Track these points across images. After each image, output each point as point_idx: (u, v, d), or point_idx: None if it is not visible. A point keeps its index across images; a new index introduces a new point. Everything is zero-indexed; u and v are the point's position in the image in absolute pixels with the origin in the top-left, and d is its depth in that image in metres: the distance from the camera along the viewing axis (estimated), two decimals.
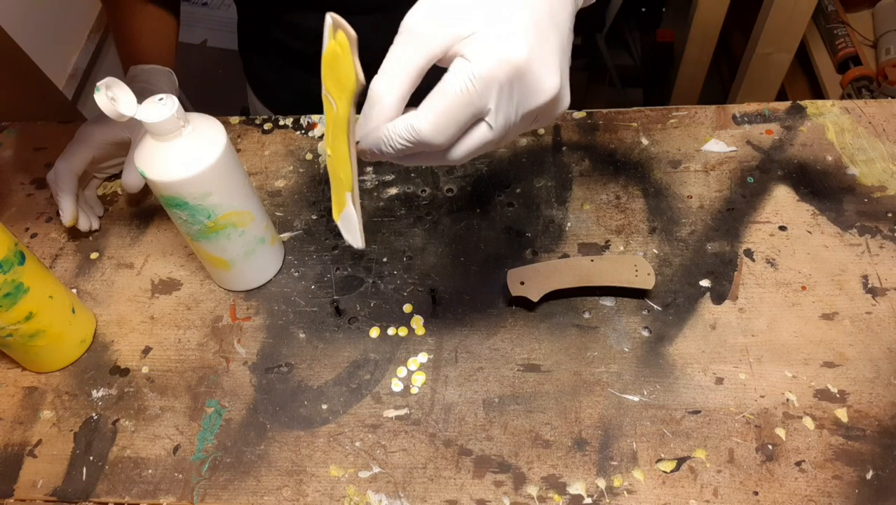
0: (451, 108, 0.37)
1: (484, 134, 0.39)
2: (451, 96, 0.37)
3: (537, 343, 0.56)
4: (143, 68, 0.69)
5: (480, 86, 0.37)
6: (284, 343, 0.58)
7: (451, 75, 0.37)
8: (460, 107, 0.37)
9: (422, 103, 0.38)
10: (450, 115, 0.37)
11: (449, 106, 0.37)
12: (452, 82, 0.37)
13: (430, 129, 0.37)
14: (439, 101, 0.37)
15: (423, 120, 0.37)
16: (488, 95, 0.37)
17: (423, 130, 0.37)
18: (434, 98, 0.37)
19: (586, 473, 0.49)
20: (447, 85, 0.37)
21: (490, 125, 0.38)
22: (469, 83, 0.37)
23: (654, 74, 1.82)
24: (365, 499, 0.50)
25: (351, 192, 0.41)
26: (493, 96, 0.37)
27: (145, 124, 0.47)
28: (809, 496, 0.48)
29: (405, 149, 0.39)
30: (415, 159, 0.41)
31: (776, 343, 0.54)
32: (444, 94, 0.37)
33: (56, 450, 0.54)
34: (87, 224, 0.64)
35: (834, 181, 0.63)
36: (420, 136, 0.37)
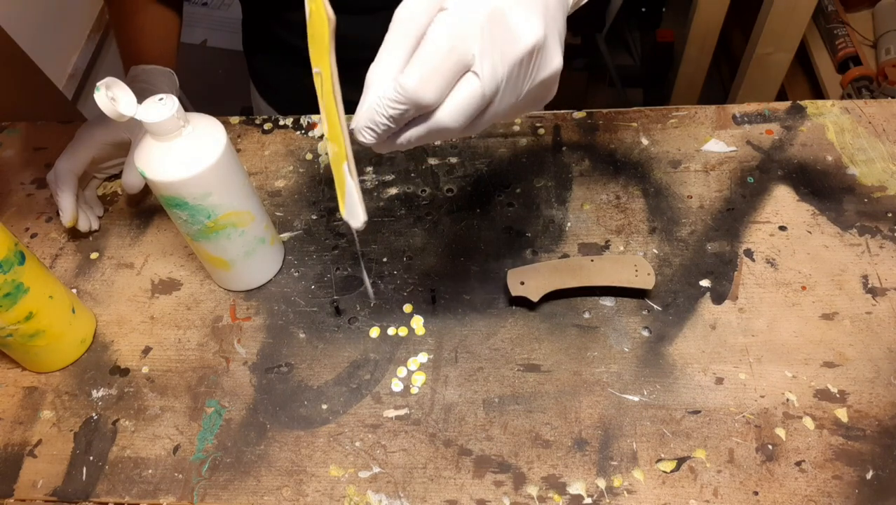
0: (433, 55, 0.36)
1: (472, 85, 0.38)
2: (432, 44, 0.36)
3: (537, 343, 0.56)
4: (143, 68, 0.69)
5: (460, 28, 0.36)
6: (284, 343, 0.58)
7: (432, 26, 0.37)
8: (443, 53, 0.36)
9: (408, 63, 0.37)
10: (434, 63, 0.36)
11: (431, 54, 0.36)
12: (433, 30, 0.36)
13: (416, 81, 0.36)
14: (421, 52, 0.37)
15: (408, 74, 0.37)
16: (469, 39, 0.37)
17: (409, 84, 0.36)
18: (417, 52, 0.37)
19: (586, 473, 0.49)
20: (428, 34, 0.37)
21: (476, 73, 0.38)
22: (449, 27, 0.36)
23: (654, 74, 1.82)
24: (365, 499, 0.50)
25: (347, 161, 0.39)
26: (475, 39, 0.37)
27: (145, 124, 0.47)
28: (809, 496, 0.48)
29: (398, 114, 0.38)
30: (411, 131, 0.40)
31: (776, 343, 0.54)
32: (427, 42, 0.37)
33: (56, 450, 0.54)
34: (86, 224, 0.64)
35: (834, 181, 0.63)
36: (407, 90, 0.36)
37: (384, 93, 0.37)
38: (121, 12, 0.73)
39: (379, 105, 0.38)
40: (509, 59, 0.38)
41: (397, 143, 0.40)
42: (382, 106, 0.37)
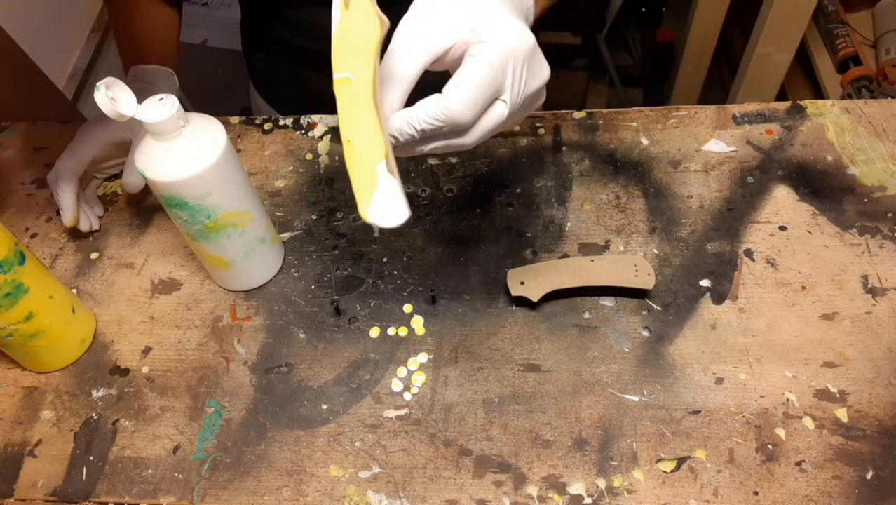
0: (480, 85, 0.40)
1: (500, 112, 0.42)
2: (479, 73, 0.40)
3: (537, 343, 0.56)
4: (143, 68, 0.69)
5: (502, 62, 0.40)
6: (284, 343, 0.58)
7: (476, 57, 0.40)
8: (488, 83, 0.40)
9: (448, 85, 0.41)
10: (479, 92, 0.40)
11: (478, 83, 0.40)
12: (480, 60, 0.40)
13: (461, 106, 0.40)
14: (469, 79, 0.40)
15: (454, 99, 0.40)
16: (507, 72, 0.41)
17: (454, 108, 0.40)
18: (463, 76, 0.40)
19: (586, 473, 0.49)
20: (475, 65, 0.40)
21: (505, 102, 0.42)
22: (494, 61, 0.40)
23: (654, 74, 1.82)
24: (365, 499, 0.50)
25: (385, 159, 0.40)
26: (510, 74, 0.41)
27: (145, 124, 0.47)
28: (809, 496, 0.48)
29: (431, 129, 0.41)
30: (428, 143, 0.43)
31: (776, 343, 0.54)
32: (472, 71, 0.40)
33: (56, 450, 0.54)
34: (87, 224, 0.64)
35: (834, 181, 0.63)
36: (451, 113, 0.40)
37: (425, 110, 0.41)
38: (120, 12, 0.73)
39: (414, 118, 0.41)
40: (529, 91, 0.43)
41: (416, 149, 0.43)
42: (418, 120, 0.41)
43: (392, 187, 0.41)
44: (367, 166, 0.41)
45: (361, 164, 0.41)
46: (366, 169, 0.41)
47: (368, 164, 0.41)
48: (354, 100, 0.40)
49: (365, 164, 0.41)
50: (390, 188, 0.41)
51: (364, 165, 0.41)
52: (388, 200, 0.41)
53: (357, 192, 0.41)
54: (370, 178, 0.41)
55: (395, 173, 0.41)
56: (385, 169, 0.40)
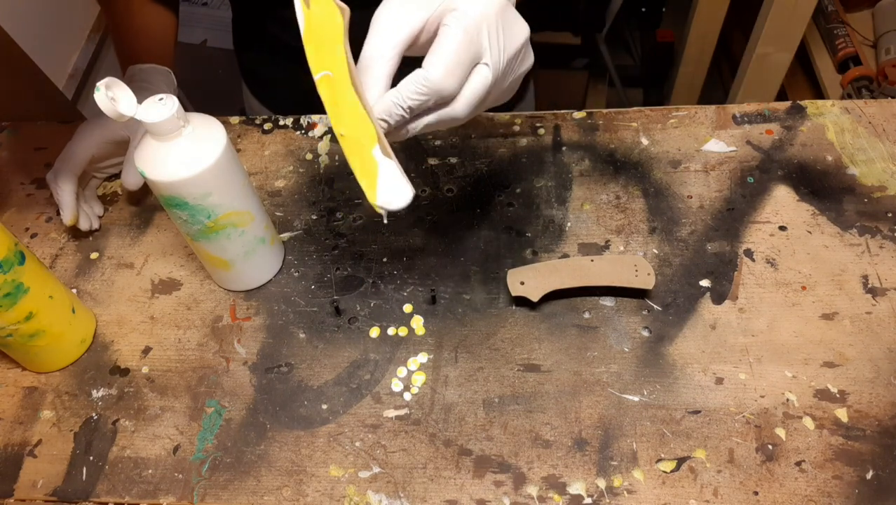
0: (456, 51, 0.41)
1: (484, 75, 0.43)
2: (453, 39, 0.41)
3: (537, 343, 0.56)
4: (141, 68, 0.69)
5: (475, 24, 0.41)
6: (284, 343, 0.58)
7: (449, 25, 0.41)
8: (465, 47, 0.41)
9: (426, 59, 0.41)
10: (457, 59, 0.41)
11: (455, 50, 0.41)
12: (453, 28, 0.41)
13: (441, 74, 0.41)
14: (445, 46, 0.41)
15: (432, 68, 0.41)
16: (482, 34, 0.41)
17: (434, 77, 0.41)
18: (439, 46, 0.41)
19: (586, 473, 0.49)
20: (448, 32, 0.41)
21: (487, 65, 0.42)
22: (467, 25, 0.41)
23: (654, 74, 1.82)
24: (365, 499, 0.49)
25: (378, 143, 0.41)
26: (485, 35, 0.42)
27: (145, 124, 0.47)
28: (809, 496, 0.48)
29: (418, 104, 0.41)
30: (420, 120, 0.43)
31: (776, 343, 0.54)
32: (447, 38, 0.41)
33: (56, 450, 0.54)
34: (87, 224, 0.64)
35: (834, 181, 0.63)
36: (432, 83, 0.41)
37: (406, 86, 0.41)
38: (117, 13, 0.73)
39: (399, 97, 0.41)
40: (510, 51, 0.43)
41: (409, 129, 0.44)
42: (403, 97, 0.41)
43: (391, 168, 0.41)
44: (363, 154, 0.41)
45: (358, 153, 0.41)
46: (363, 157, 0.41)
47: (365, 152, 0.41)
48: (336, 93, 0.40)
49: (361, 152, 0.41)
50: (390, 170, 0.41)
51: (361, 154, 0.41)
52: (391, 182, 0.42)
53: (361, 182, 0.42)
54: (369, 165, 0.41)
55: (392, 155, 0.42)
56: (380, 153, 0.41)
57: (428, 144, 0.69)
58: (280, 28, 0.75)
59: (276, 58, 0.79)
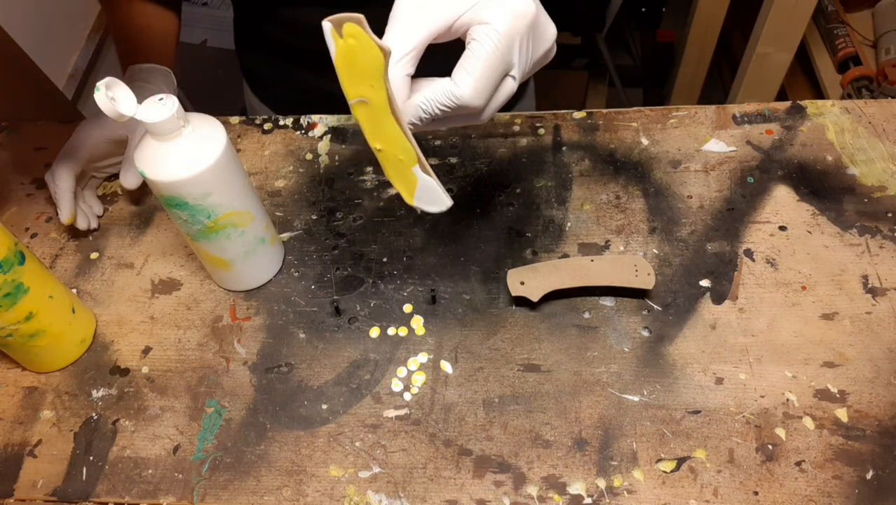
0: (487, 69, 0.40)
1: (510, 88, 0.42)
2: (485, 58, 0.40)
3: (537, 343, 0.56)
4: (141, 67, 0.69)
5: (507, 42, 0.40)
6: (284, 343, 0.58)
7: (480, 41, 0.40)
8: (495, 66, 0.40)
9: (456, 71, 0.41)
10: (488, 76, 0.40)
11: (486, 68, 0.40)
12: (485, 44, 0.40)
13: (471, 93, 0.40)
14: (476, 65, 0.40)
15: (463, 86, 0.40)
16: (514, 50, 0.41)
17: (464, 96, 0.40)
18: (470, 62, 0.40)
19: (586, 473, 0.49)
20: (480, 49, 0.40)
21: (514, 77, 0.42)
22: (499, 43, 0.40)
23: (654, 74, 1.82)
24: (365, 499, 0.50)
25: (418, 163, 0.42)
26: (516, 50, 0.41)
27: (145, 124, 0.47)
28: (809, 496, 0.48)
29: (442, 114, 0.41)
30: (442, 123, 0.44)
31: (776, 343, 0.54)
32: (478, 57, 0.40)
33: (56, 450, 0.54)
34: (85, 223, 0.64)
35: (834, 181, 0.63)
36: (461, 99, 0.40)
37: (434, 98, 0.41)
38: (119, 13, 0.73)
39: (426, 105, 0.41)
40: (536, 57, 0.43)
41: (430, 128, 0.44)
42: (431, 107, 0.41)
43: (431, 184, 0.43)
44: (403, 169, 0.43)
45: (396, 166, 0.43)
46: (400, 171, 0.43)
47: (402, 167, 0.43)
48: (375, 119, 0.41)
49: (399, 167, 0.43)
50: (429, 185, 0.43)
51: (399, 168, 0.43)
52: (431, 193, 0.44)
53: (397, 185, 0.44)
54: (408, 177, 0.43)
55: (430, 171, 0.43)
56: (420, 171, 0.43)
57: (428, 144, 0.69)
58: (278, 28, 0.75)
59: (275, 57, 0.79)
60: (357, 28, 0.37)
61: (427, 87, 0.42)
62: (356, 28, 0.37)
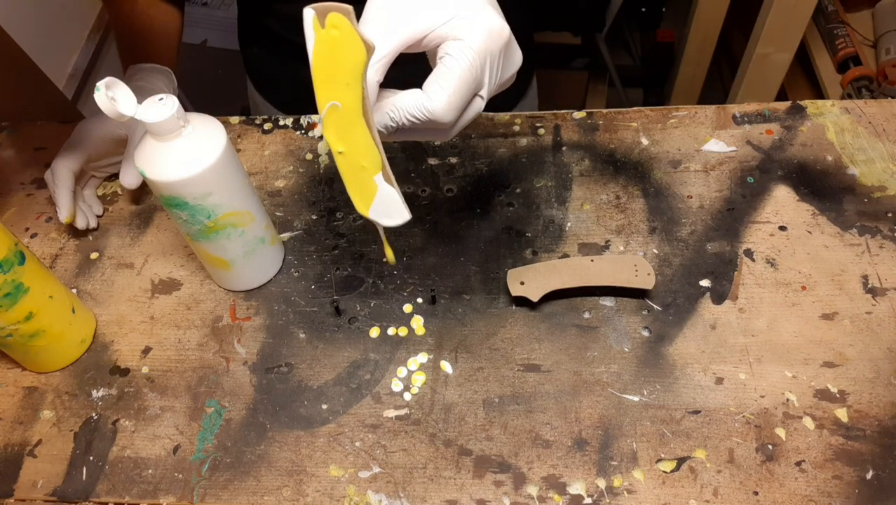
0: (461, 85, 0.39)
1: (478, 106, 0.42)
2: (460, 74, 0.39)
3: (537, 343, 0.56)
4: (141, 67, 0.69)
5: (481, 60, 0.40)
6: (284, 343, 0.58)
7: (454, 57, 0.39)
8: (468, 83, 0.40)
9: (429, 85, 0.40)
10: (461, 93, 0.40)
11: (460, 83, 0.39)
12: (460, 60, 0.39)
13: (443, 107, 0.39)
14: (451, 80, 0.39)
15: (436, 101, 0.39)
16: (485, 70, 0.40)
17: (436, 110, 0.39)
18: (444, 77, 0.39)
19: (586, 473, 0.49)
20: (454, 65, 0.39)
21: (482, 97, 0.42)
22: (472, 61, 0.39)
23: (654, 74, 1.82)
24: (365, 499, 0.50)
25: (382, 171, 0.41)
26: (487, 70, 0.41)
27: (145, 124, 0.47)
28: (809, 496, 0.48)
29: (411, 125, 0.41)
30: (407, 135, 0.43)
31: (776, 343, 0.54)
32: (453, 72, 0.39)
33: (56, 450, 0.54)
34: (84, 222, 0.64)
35: (834, 181, 0.63)
36: (432, 113, 0.39)
37: (405, 108, 0.40)
38: (119, 13, 0.73)
39: (395, 114, 0.40)
40: (503, 80, 0.43)
41: (394, 139, 0.43)
42: (399, 116, 0.40)
43: (392, 195, 0.42)
44: (363, 176, 0.42)
45: (356, 173, 0.42)
46: (361, 178, 0.42)
47: (364, 174, 0.41)
48: (343, 121, 0.40)
49: (361, 174, 0.42)
50: (390, 196, 0.42)
51: (359, 175, 0.42)
52: (389, 205, 0.42)
53: (352, 194, 0.43)
54: (368, 186, 0.42)
55: (393, 182, 0.42)
56: (383, 180, 0.41)
57: (428, 145, 0.69)
58: (278, 24, 0.75)
59: (277, 54, 0.79)
60: (343, 19, 0.36)
61: (395, 96, 0.41)
62: (342, 19, 0.36)
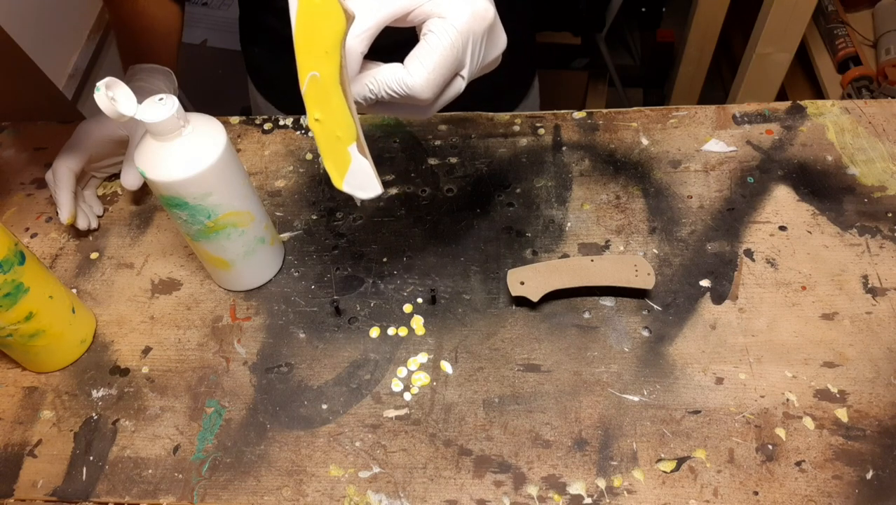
0: (442, 63, 0.39)
1: (458, 87, 0.42)
2: (441, 51, 0.39)
3: (537, 343, 0.56)
4: (142, 67, 0.69)
5: (463, 40, 0.39)
6: (284, 343, 0.58)
7: (436, 34, 0.39)
8: (449, 61, 0.40)
9: (409, 60, 0.40)
10: (441, 70, 0.40)
11: (441, 61, 0.39)
12: (442, 38, 0.39)
13: (422, 84, 0.39)
14: (432, 57, 0.39)
15: (416, 76, 0.39)
16: (467, 50, 0.40)
17: (415, 86, 0.39)
18: (425, 54, 0.39)
19: (586, 473, 0.49)
20: (436, 42, 0.39)
21: (463, 77, 0.41)
22: (455, 40, 0.39)
23: (654, 74, 1.82)
24: (365, 499, 0.50)
25: (356, 142, 0.41)
26: (469, 50, 0.40)
27: (145, 124, 0.47)
28: (809, 496, 0.48)
29: (389, 99, 0.40)
30: (386, 109, 0.43)
31: (776, 343, 0.54)
32: (434, 49, 0.39)
33: (56, 450, 0.54)
34: (85, 223, 0.64)
35: (834, 181, 0.63)
36: (411, 89, 0.39)
37: (384, 81, 0.40)
38: (120, 13, 0.73)
39: (374, 86, 0.40)
40: (486, 62, 0.43)
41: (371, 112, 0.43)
42: (379, 88, 0.40)
43: (365, 166, 0.42)
44: (337, 146, 0.41)
45: (332, 143, 0.41)
46: (336, 148, 0.42)
47: (339, 144, 0.41)
48: (321, 91, 0.40)
49: (336, 144, 0.41)
50: (363, 167, 0.42)
51: (335, 145, 0.41)
52: (362, 177, 0.42)
53: (327, 164, 0.42)
54: (342, 157, 0.42)
55: (367, 153, 0.41)
56: (357, 151, 0.41)
57: (428, 145, 0.69)
58: (278, 21, 0.75)
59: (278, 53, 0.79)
60: None
61: (376, 68, 0.41)
62: None
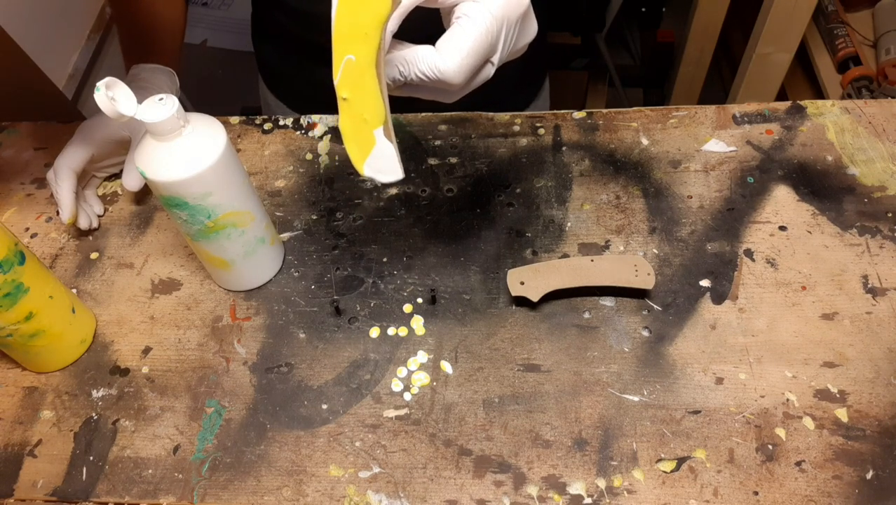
0: (476, 48, 0.39)
1: (488, 72, 0.41)
2: (476, 36, 0.38)
3: (537, 343, 0.56)
4: (143, 67, 0.69)
5: (498, 25, 0.39)
6: (284, 343, 0.58)
7: (471, 18, 0.38)
8: (483, 47, 0.39)
9: (442, 44, 0.39)
10: (475, 55, 0.39)
11: (475, 46, 0.38)
12: (477, 21, 0.38)
13: (455, 69, 0.39)
14: (467, 41, 0.38)
15: (449, 62, 0.38)
16: (501, 35, 0.40)
17: (448, 71, 0.39)
18: (460, 38, 0.38)
19: (586, 473, 0.49)
20: (471, 27, 0.38)
21: (493, 63, 0.41)
22: (490, 25, 0.38)
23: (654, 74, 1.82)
24: (365, 499, 0.50)
25: (384, 125, 0.40)
26: (503, 36, 0.40)
27: (145, 124, 0.47)
28: (809, 496, 0.48)
29: (419, 82, 0.40)
30: (413, 91, 0.42)
31: (776, 343, 0.54)
32: (469, 34, 0.38)
33: (56, 450, 0.54)
34: (86, 222, 0.64)
35: (834, 181, 0.63)
36: (443, 74, 0.39)
37: (417, 65, 0.39)
38: (123, 13, 0.73)
39: (405, 70, 0.40)
40: (516, 49, 0.42)
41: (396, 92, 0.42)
42: (409, 71, 0.39)
43: (389, 150, 0.41)
44: (363, 128, 0.41)
45: (357, 124, 0.41)
46: (361, 130, 0.41)
47: (365, 127, 0.41)
48: (355, 72, 0.39)
49: (362, 126, 0.41)
50: (388, 151, 0.41)
51: (360, 126, 0.41)
52: (385, 160, 0.41)
53: (349, 146, 0.42)
54: (366, 139, 0.41)
55: (393, 138, 0.41)
56: (383, 134, 0.41)
57: (428, 145, 0.69)
58: (291, 21, 0.74)
59: (288, 51, 0.79)
60: None
61: (406, 50, 0.40)
62: None
